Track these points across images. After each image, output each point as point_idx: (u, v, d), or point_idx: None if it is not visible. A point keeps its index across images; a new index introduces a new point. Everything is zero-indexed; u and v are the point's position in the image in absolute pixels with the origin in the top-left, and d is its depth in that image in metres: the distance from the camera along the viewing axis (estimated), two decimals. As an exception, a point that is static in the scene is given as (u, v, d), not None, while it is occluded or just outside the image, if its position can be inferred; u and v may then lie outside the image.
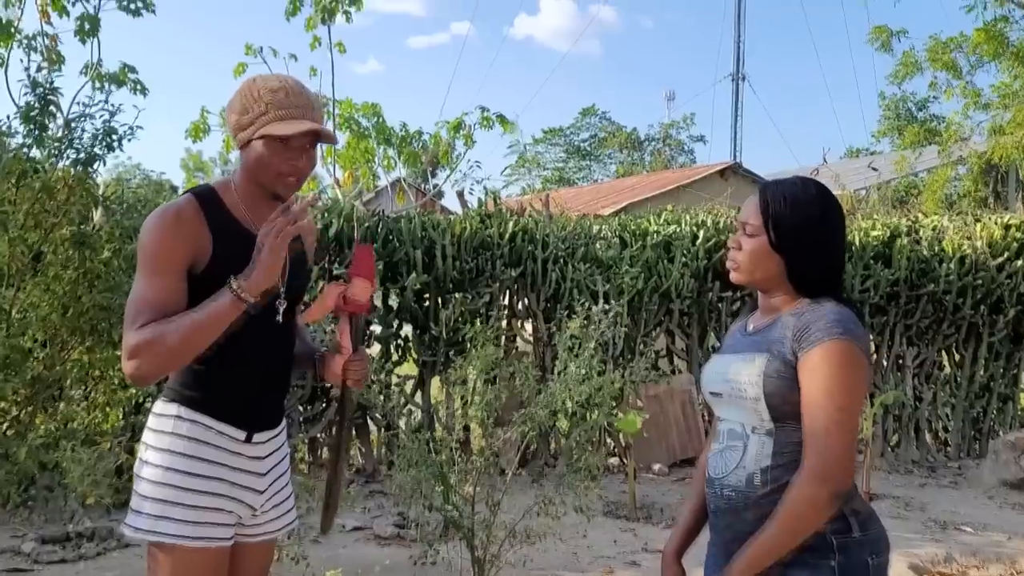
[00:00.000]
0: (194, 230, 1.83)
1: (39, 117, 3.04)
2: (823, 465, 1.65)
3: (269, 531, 2.05)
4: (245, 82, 1.92)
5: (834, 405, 1.67)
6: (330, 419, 6.00)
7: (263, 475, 1.98)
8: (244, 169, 1.92)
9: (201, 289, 1.82)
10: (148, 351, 1.74)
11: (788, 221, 1.82)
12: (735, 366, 1.84)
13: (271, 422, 2.00)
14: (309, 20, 7.35)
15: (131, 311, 1.77)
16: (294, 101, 1.88)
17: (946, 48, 13.22)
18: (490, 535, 3.38)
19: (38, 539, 4.48)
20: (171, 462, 1.86)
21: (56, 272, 2.96)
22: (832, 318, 1.73)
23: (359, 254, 1.93)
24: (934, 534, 5.34)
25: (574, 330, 3.49)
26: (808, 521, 1.67)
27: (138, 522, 1.86)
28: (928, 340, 7.50)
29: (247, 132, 1.86)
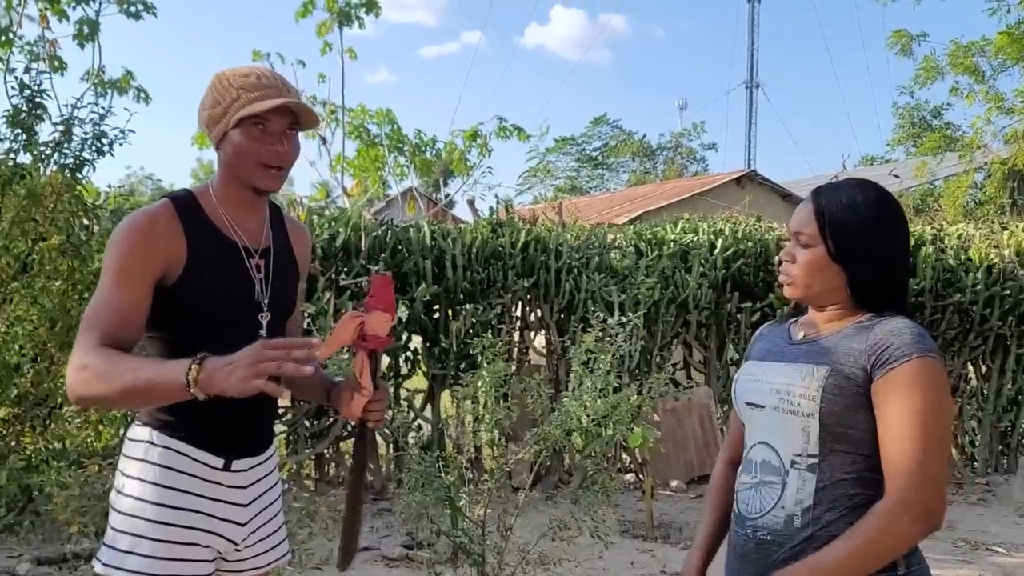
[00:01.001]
0: (168, 239, 1.70)
1: (27, 121, 2.92)
2: (923, 499, 1.47)
3: (255, 566, 1.88)
4: (213, 77, 1.79)
5: (931, 429, 1.50)
6: (337, 435, 5.85)
7: (245, 506, 1.81)
8: (223, 168, 1.79)
9: (171, 300, 1.69)
10: (88, 377, 1.56)
11: (848, 228, 1.64)
12: (786, 376, 1.65)
13: (254, 448, 1.84)
14: (321, 25, 7.24)
15: (90, 320, 1.63)
16: (266, 83, 1.74)
17: (968, 52, 13.00)
18: (502, 561, 3.20)
19: (33, 560, 4.33)
20: (142, 492, 1.70)
21: (44, 283, 2.82)
22: (915, 332, 1.56)
23: (377, 284, 1.76)
24: (965, 555, 5.13)
25: (589, 344, 3.32)
26: (892, 555, 1.50)
27: (106, 556, 1.71)
28: (954, 352, 7.27)
29: (221, 124, 1.73)
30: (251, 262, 1.80)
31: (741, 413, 1.78)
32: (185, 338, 1.69)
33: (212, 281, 1.73)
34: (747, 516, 1.67)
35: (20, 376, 2.77)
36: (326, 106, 7.56)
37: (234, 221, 1.79)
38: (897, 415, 1.51)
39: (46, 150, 2.91)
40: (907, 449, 1.48)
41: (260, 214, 1.86)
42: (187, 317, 1.71)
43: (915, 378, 1.51)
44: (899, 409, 1.51)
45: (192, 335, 1.68)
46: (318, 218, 6.03)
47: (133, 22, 5.57)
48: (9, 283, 2.81)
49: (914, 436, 1.49)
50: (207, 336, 1.66)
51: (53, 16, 5.05)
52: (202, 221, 1.76)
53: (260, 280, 1.80)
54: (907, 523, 1.47)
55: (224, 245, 1.77)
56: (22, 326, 2.80)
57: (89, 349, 1.57)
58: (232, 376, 1.45)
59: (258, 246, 1.82)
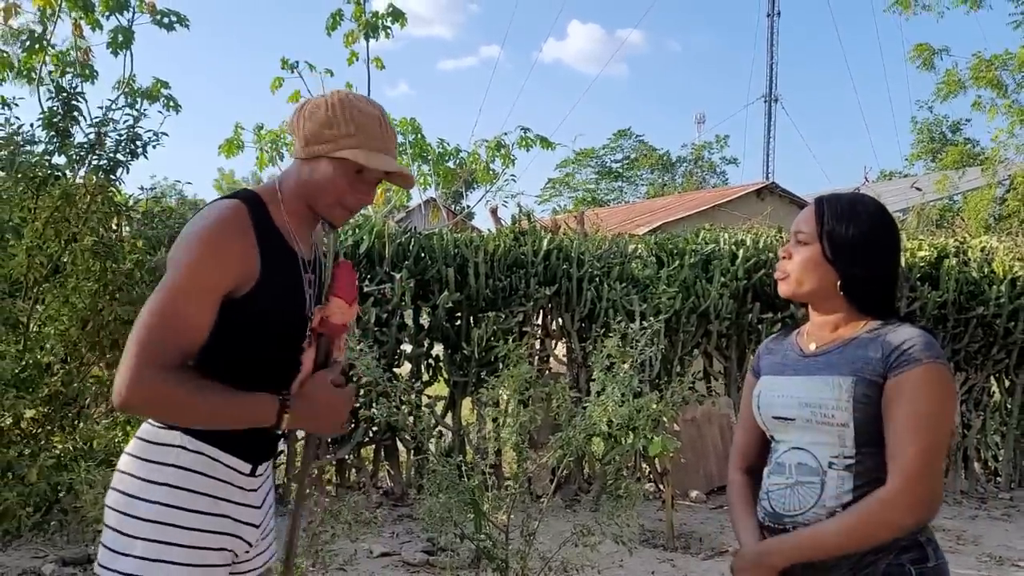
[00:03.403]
0: (244, 248, 1.62)
1: (62, 123, 2.96)
2: (918, 493, 1.59)
3: (256, 566, 1.86)
4: (335, 94, 1.72)
5: (933, 430, 1.61)
6: (358, 440, 5.87)
7: (259, 507, 1.80)
8: (299, 182, 1.72)
9: (239, 313, 1.63)
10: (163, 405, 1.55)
11: (844, 231, 1.75)
12: (815, 389, 1.72)
13: (271, 452, 1.84)
14: (348, 35, 7.30)
15: (154, 332, 1.55)
16: (385, 134, 1.71)
17: (991, 66, 12.90)
18: (525, 567, 3.20)
19: (58, 560, 4.38)
20: (172, 498, 1.64)
21: (76, 283, 2.85)
22: (925, 340, 1.66)
23: (337, 272, 1.75)
24: (990, 570, 5.07)
25: (611, 349, 3.32)
26: (879, 541, 1.63)
27: (122, 565, 1.62)
28: (977, 365, 7.19)
29: (323, 147, 1.67)
30: (306, 276, 1.75)
31: (767, 426, 1.85)
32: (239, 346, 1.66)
33: (279, 295, 1.68)
34: (785, 513, 1.74)
35: (51, 376, 2.80)
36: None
37: (295, 230, 1.74)
38: (903, 415, 1.62)
39: (80, 152, 2.95)
40: (909, 446, 1.60)
41: (312, 228, 1.81)
42: (247, 328, 1.66)
43: (923, 382, 1.62)
44: (905, 410, 1.62)
45: (245, 346, 1.66)
46: (341, 227, 6.08)
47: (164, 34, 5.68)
48: (42, 283, 2.84)
49: (916, 435, 1.60)
50: (260, 347, 1.67)
51: (87, 25, 5.15)
52: (270, 228, 1.69)
53: (311, 296, 1.76)
54: (901, 512, 1.59)
55: (288, 255, 1.72)
56: (54, 326, 2.84)
57: (158, 369, 1.53)
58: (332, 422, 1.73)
59: (309, 257, 1.78)
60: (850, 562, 1.65)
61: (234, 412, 1.61)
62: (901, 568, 1.63)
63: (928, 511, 1.62)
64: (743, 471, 1.95)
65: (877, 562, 1.64)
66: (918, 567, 1.64)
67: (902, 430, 1.61)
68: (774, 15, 32.35)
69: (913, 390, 1.61)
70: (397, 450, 6.17)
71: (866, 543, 1.63)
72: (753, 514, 1.85)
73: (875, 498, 1.62)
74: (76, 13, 5.21)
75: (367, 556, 4.76)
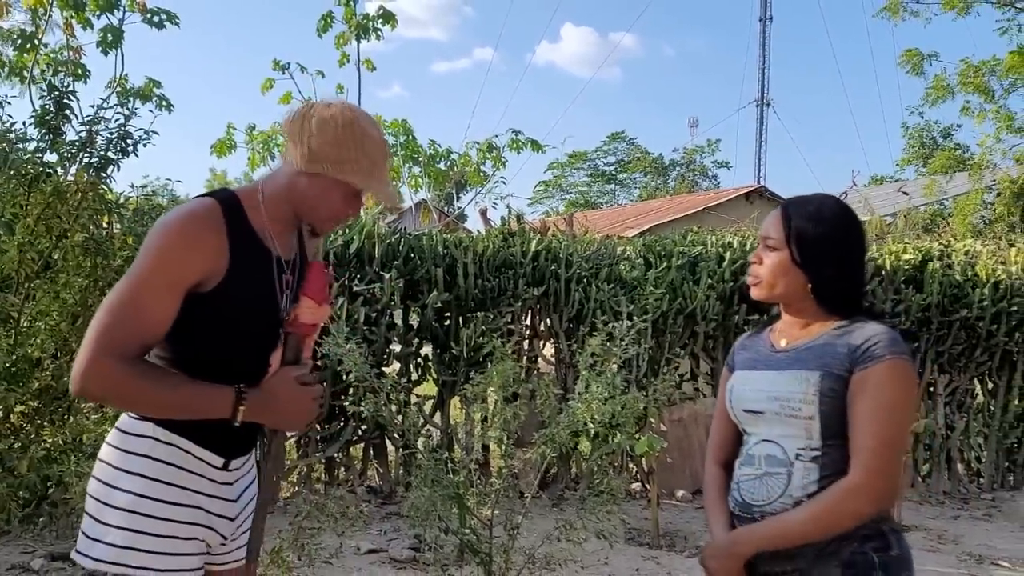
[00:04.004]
0: (213, 246, 1.64)
1: (53, 121, 3.00)
2: (879, 484, 1.66)
3: (237, 559, 1.90)
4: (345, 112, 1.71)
5: (894, 423, 1.68)
6: (347, 439, 5.91)
7: (234, 501, 1.84)
8: (291, 191, 1.74)
9: (203, 309, 1.66)
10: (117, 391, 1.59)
11: (810, 235, 1.81)
12: (783, 383, 1.79)
13: (247, 447, 1.86)
14: (339, 37, 7.34)
15: (112, 319, 1.56)
16: (385, 160, 1.77)
17: (978, 71, 13.03)
18: (508, 561, 3.25)
19: (47, 556, 4.40)
20: (143, 488, 1.68)
21: (67, 279, 2.89)
22: (889, 337, 1.73)
23: (309, 273, 1.78)
24: (970, 568, 5.14)
25: (595, 348, 3.38)
26: (842, 528, 1.69)
27: (97, 552, 1.67)
28: (960, 367, 7.27)
29: (329, 167, 1.68)
30: (283, 277, 1.78)
31: (739, 419, 1.91)
32: (207, 344, 1.69)
33: (248, 294, 1.71)
34: (753, 503, 1.80)
35: (41, 371, 2.84)
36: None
37: (275, 233, 1.76)
38: (866, 409, 1.68)
39: (72, 149, 2.99)
40: (870, 439, 1.67)
41: (295, 230, 1.85)
42: (217, 323, 1.69)
43: (885, 377, 1.68)
44: (868, 403, 1.68)
45: (213, 342, 1.69)
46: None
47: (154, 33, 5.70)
48: (33, 279, 2.88)
49: (878, 428, 1.66)
50: (227, 344, 1.70)
51: (78, 24, 5.19)
52: (245, 228, 1.71)
53: (287, 296, 1.79)
54: (862, 502, 1.66)
55: (262, 255, 1.74)
56: (44, 321, 2.87)
57: (115, 357, 1.55)
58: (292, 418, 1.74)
59: (288, 258, 1.81)
60: (814, 550, 1.71)
61: (189, 402, 1.63)
62: (864, 556, 1.69)
63: (887, 500, 1.71)
64: (719, 464, 2.01)
65: (840, 550, 1.70)
66: (880, 555, 1.70)
67: (864, 423, 1.67)
68: (766, 19, 32.62)
69: (876, 385, 1.67)
70: (386, 448, 6.21)
71: (829, 531, 1.69)
72: (726, 507, 1.91)
73: (838, 488, 1.68)
74: (67, 12, 5.24)
75: (354, 553, 4.80)
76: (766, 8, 32.34)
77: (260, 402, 1.68)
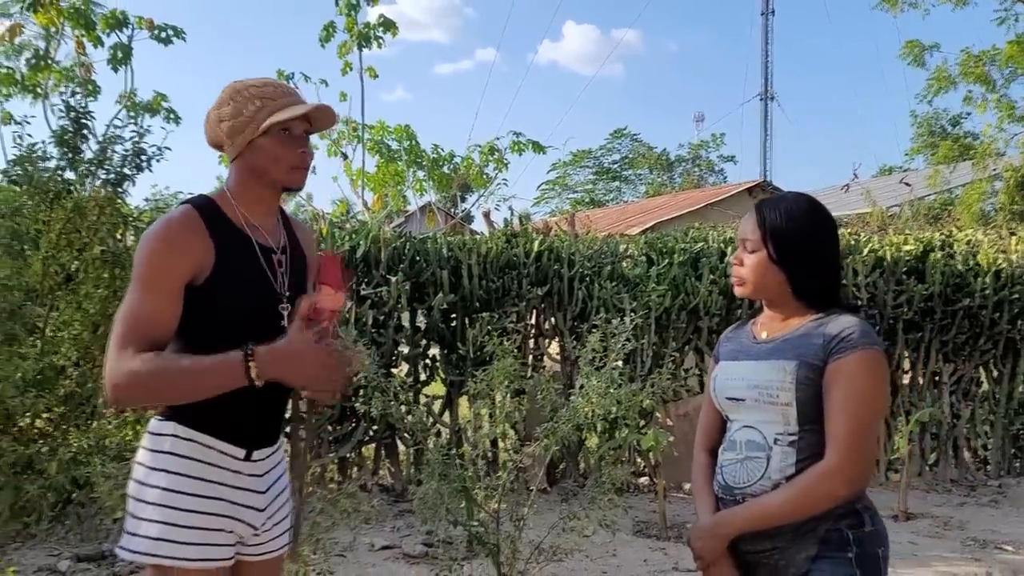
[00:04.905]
0: (195, 241, 1.80)
1: (72, 140, 3.15)
2: (852, 467, 1.77)
3: (271, 549, 2.01)
4: (226, 89, 1.90)
5: (866, 410, 1.79)
6: (359, 439, 6.03)
7: (263, 492, 1.94)
8: (245, 173, 1.90)
9: (202, 302, 1.80)
10: (136, 383, 1.69)
11: (785, 233, 1.91)
12: (762, 372, 1.90)
13: (270, 439, 1.97)
14: (342, 46, 7.47)
15: (122, 327, 1.72)
16: (283, 91, 1.89)
17: (979, 61, 13.07)
18: (515, 551, 3.37)
19: (73, 557, 4.55)
20: (170, 483, 1.81)
21: (87, 291, 3.03)
22: (862, 328, 1.84)
23: (324, 262, 1.89)
24: (974, 553, 5.22)
25: (595, 344, 3.49)
26: (819, 509, 1.79)
27: (134, 544, 1.81)
28: (965, 356, 7.34)
29: (247, 133, 1.85)
30: (273, 258, 1.92)
31: (722, 406, 2.02)
32: (214, 332, 1.81)
33: (240, 278, 1.84)
34: (735, 486, 1.91)
35: (65, 378, 2.98)
36: (348, 123, 7.78)
37: (253, 221, 1.91)
38: (840, 396, 1.79)
39: (90, 167, 3.13)
40: (844, 425, 1.78)
41: (275, 214, 1.99)
42: (217, 312, 1.82)
43: (857, 367, 1.79)
44: (842, 391, 1.79)
45: (220, 328, 1.81)
46: (339, 231, 6.26)
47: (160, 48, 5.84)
48: (56, 291, 3.03)
49: (852, 415, 1.77)
50: (234, 328, 1.81)
51: (88, 42, 5.34)
52: (224, 222, 1.86)
53: (281, 275, 1.93)
54: (838, 484, 1.77)
55: (246, 244, 1.88)
56: (67, 331, 3.02)
57: (130, 355, 1.68)
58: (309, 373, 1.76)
59: (277, 244, 1.95)
60: (792, 529, 1.82)
61: (207, 375, 1.72)
62: (839, 533, 1.81)
63: (861, 483, 1.81)
64: (706, 450, 2.11)
65: (817, 528, 1.81)
66: (855, 531, 1.82)
67: (838, 411, 1.78)
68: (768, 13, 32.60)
69: (848, 374, 1.79)
70: (396, 448, 6.34)
71: (806, 512, 1.79)
72: (712, 491, 2.02)
73: (814, 472, 1.79)
74: (78, 31, 5.40)
75: (368, 549, 4.93)
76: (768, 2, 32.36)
77: (269, 357, 1.73)
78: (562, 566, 4.34)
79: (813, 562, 1.80)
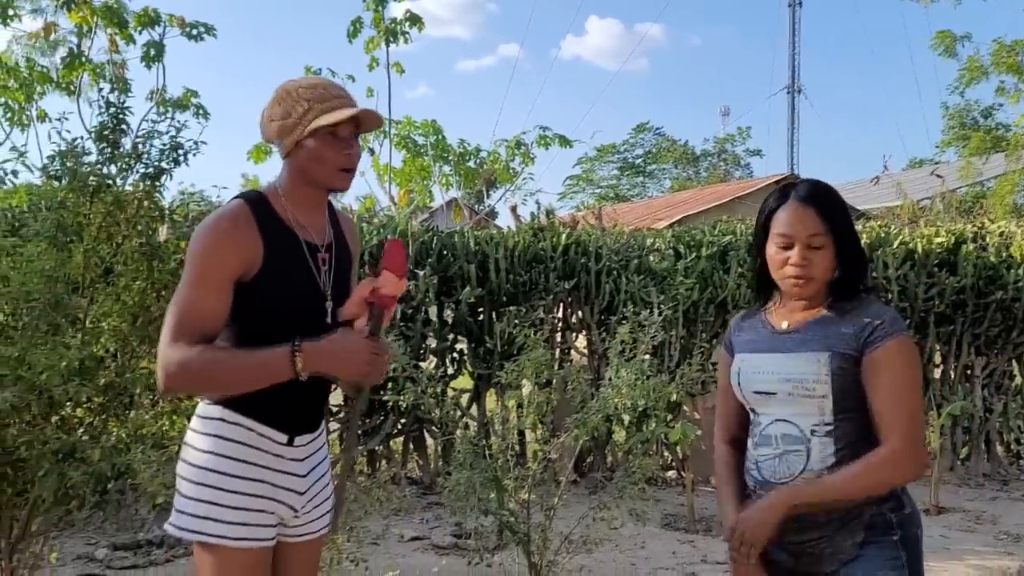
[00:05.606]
0: (246, 238, 1.85)
1: (111, 136, 3.23)
2: (916, 450, 1.80)
3: (312, 531, 2.06)
4: (278, 89, 1.94)
5: (915, 396, 1.83)
6: (388, 432, 6.09)
7: (303, 476, 2.00)
8: (294, 173, 1.94)
9: (250, 298, 1.85)
10: (187, 374, 1.75)
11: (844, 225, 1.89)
12: (795, 365, 1.87)
13: (312, 425, 2.03)
14: (369, 41, 7.51)
15: (174, 319, 1.78)
16: (333, 92, 1.92)
17: (1011, 51, 12.84)
18: (545, 540, 3.39)
19: (110, 546, 4.66)
20: (215, 464, 1.88)
21: (126, 283, 3.11)
22: (891, 315, 1.85)
23: (388, 248, 1.93)
24: (1006, 547, 5.17)
25: (624, 335, 3.50)
26: (881, 490, 1.82)
27: (182, 521, 1.89)
28: (997, 349, 7.25)
29: (295, 134, 1.89)
30: (318, 256, 1.97)
31: (748, 400, 1.98)
32: (260, 326, 1.86)
33: (287, 277, 1.88)
34: (776, 481, 1.88)
35: (105, 368, 3.06)
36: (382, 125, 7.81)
37: (301, 219, 1.95)
38: (887, 384, 1.81)
39: (129, 161, 3.21)
40: (900, 412, 1.80)
41: (323, 212, 2.04)
42: (263, 308, 1.87)
43: (898, 353, 1.81)
44: (888, 380, 1.81)
45: (267, 323, 1.87)
46: (367, 225, 6.31)
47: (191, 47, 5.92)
48: (97, 283, 3.11)
49: (904, 401, 1.80)
50: (280, 324, 1.86)
51: (121, 40, 5.43)
52: (274, 220, 1.91)
53: (325, 273, 1.98)
54: (905, 467, 1.81)
55: (294, 242, 1.92)
56: (107, 322, 3.10)
57: (182, 346, 1.75)
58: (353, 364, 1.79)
59: (322, 242, 2.00)
60: (839, 517, 1.83)
61: (254, 367, 1.78)
62: (883, 517, 1.83)
63: (923, 466, 1.85)
64: (726, 442, 2.10)
65: (862, 514, 1.83)
66: (896, 514, 1.85)
67: (890, 399, 1.80)
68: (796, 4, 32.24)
69: (891, 362, 1.80)
70: (425, 441, 6.39)
71: (869, 491, 1.81)
72: (737, 482, 2.02)
73: (880, 454, 1.80)
74: (111, 29, 5.48)
75: (398, 540, 4.99)
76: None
77: (317, 351, 1.78)
78: (591, 557, 4.36)
79: (860, 548, 1.82)
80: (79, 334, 2.94)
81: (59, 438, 2.73)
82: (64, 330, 2.91)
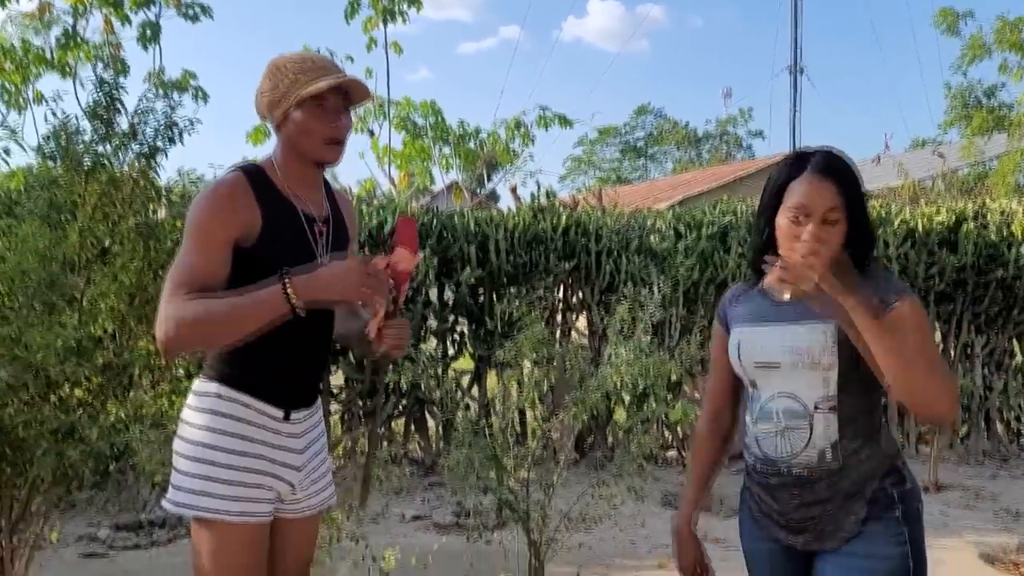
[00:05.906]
0: (244, 204, 1.86)
1: (105, 114, 3.21)
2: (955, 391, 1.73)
3: (310, 506, 2.07)
4: (269, 63, 1.95)
5: (936, 352, 1.79)
6: (389, 413, 6.10)
7: (300, 452, 2.00)
8: (285, 145, 1.95)
9: (248, 264, 1.84)
10: (183, 326, 1.73)
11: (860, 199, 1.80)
12: (801, 335, 1.82)
13: (308, 400, 2.03)
14: (367, 21, 7.47)
15: (174, 280, 1.78)
16: (320, 64, 1.93)
17: (1014, 28, 12.75)
18: (545, 518, 3.40)
19: (113, 526, 4.69)
20: (212, 439, 1.88)
21: (123, 263, 3.11)
22: (894, 279, 1.83)
23: (400, 224, 1.94)
24: (1005, 523, 5.19)
25: (623, 313, 3.50)
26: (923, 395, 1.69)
27: (179, 497, 1.89)
28: (998, 328, 7.24)
29: (282, 106, 1.90)
30: (315, 227, 1.97)
31: (748, 372, 1.91)
32: None
33: (285, 244, 1.89)
34: (777, 458, 1.85)
35: (103, 348, 3.06)
36: (374, 100, 7.81)
37: (297, 192, 1.96)
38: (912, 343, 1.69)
39: (123, 140, 3.20)
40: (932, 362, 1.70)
41: (319, 186, 2.04)
42: (261, 276, 1.83)
43: (909, 314, 1.75)
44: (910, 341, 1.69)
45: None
46: (367, 207, 6.30)
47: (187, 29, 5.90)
48: (93, 263, 3.10)
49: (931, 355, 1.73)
50: None
51: (116, 21, 5.41)
52: (272, 190, 1.92)
53: (323, 245, 1.98)
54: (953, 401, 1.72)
55: (292, 212, 1.94)
56: (104, 302, 3.09)
57: (179, 302, 1.74)
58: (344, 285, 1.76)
59: (319, 215, 2.00)
60: (844, 492, 1.81)
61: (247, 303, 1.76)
62: (884, 492, 1.81)
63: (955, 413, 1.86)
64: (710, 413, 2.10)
65: (864, 489, 1.81)
66: (898, 489, 1.83)
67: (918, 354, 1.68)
68: (797, -15, 31.95)
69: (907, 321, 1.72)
70: (426, 422, 6.41)
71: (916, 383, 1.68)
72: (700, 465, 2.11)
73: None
74: (106, 9, 5.46)
75: (400, 520, 5.01)
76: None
77: (307, 278, 1.78)
78: (591, 535, 4.37)
79: (863, 524, 1.80)
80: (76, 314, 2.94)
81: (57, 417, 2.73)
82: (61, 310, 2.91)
